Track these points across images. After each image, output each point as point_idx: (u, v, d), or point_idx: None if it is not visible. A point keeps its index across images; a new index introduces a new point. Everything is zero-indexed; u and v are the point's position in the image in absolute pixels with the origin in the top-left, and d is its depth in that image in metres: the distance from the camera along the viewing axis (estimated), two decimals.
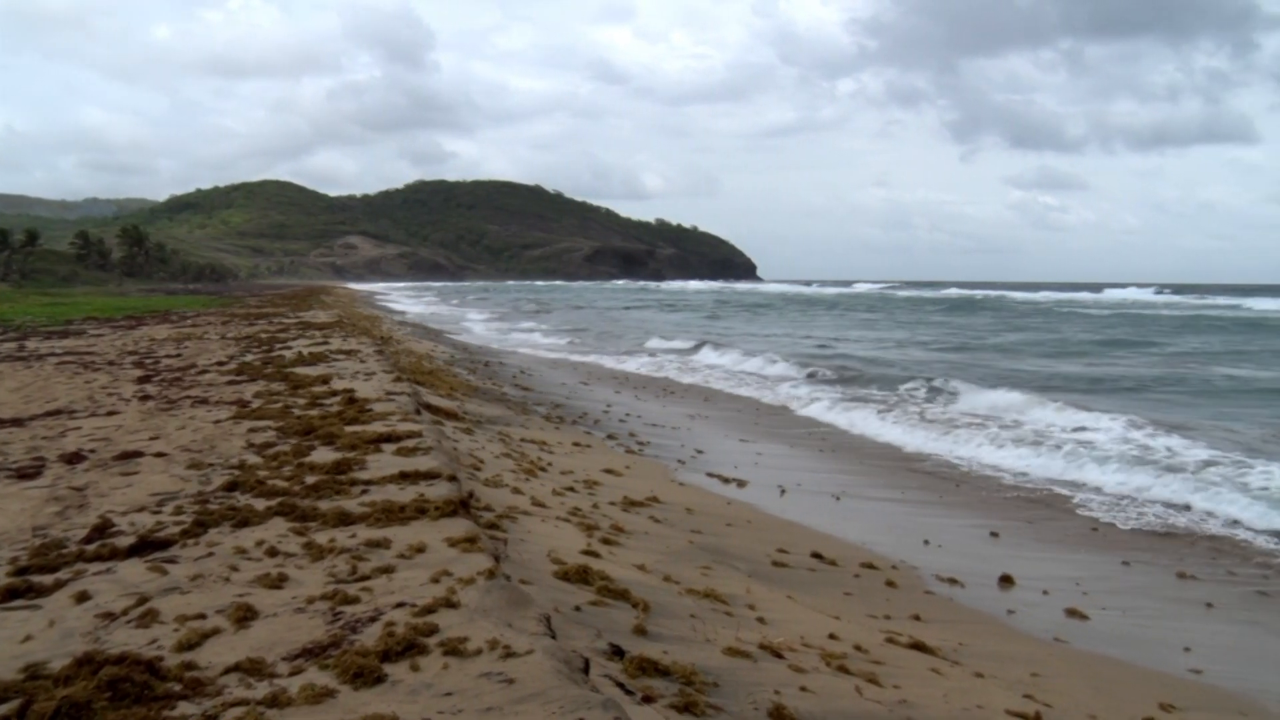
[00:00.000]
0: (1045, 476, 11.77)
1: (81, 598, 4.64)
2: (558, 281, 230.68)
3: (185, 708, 3.42)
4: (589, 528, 7.02)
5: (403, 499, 6.32)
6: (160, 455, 8.27)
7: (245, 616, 4.31)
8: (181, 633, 4.13)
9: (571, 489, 8.72)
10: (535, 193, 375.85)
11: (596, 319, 55.41)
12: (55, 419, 10.39)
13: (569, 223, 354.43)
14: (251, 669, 3.73)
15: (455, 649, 3.80)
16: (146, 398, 12.17)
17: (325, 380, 13.32)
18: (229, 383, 13.68)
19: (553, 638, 3.93)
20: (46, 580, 4.95)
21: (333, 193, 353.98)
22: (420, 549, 5.24)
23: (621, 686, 3.75)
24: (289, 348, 19.69)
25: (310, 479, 7.08)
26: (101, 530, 5.83)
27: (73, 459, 8.16)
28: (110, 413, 10.87)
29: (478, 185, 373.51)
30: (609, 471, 10.19)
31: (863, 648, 5.22)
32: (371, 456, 7.87)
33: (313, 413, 10.36)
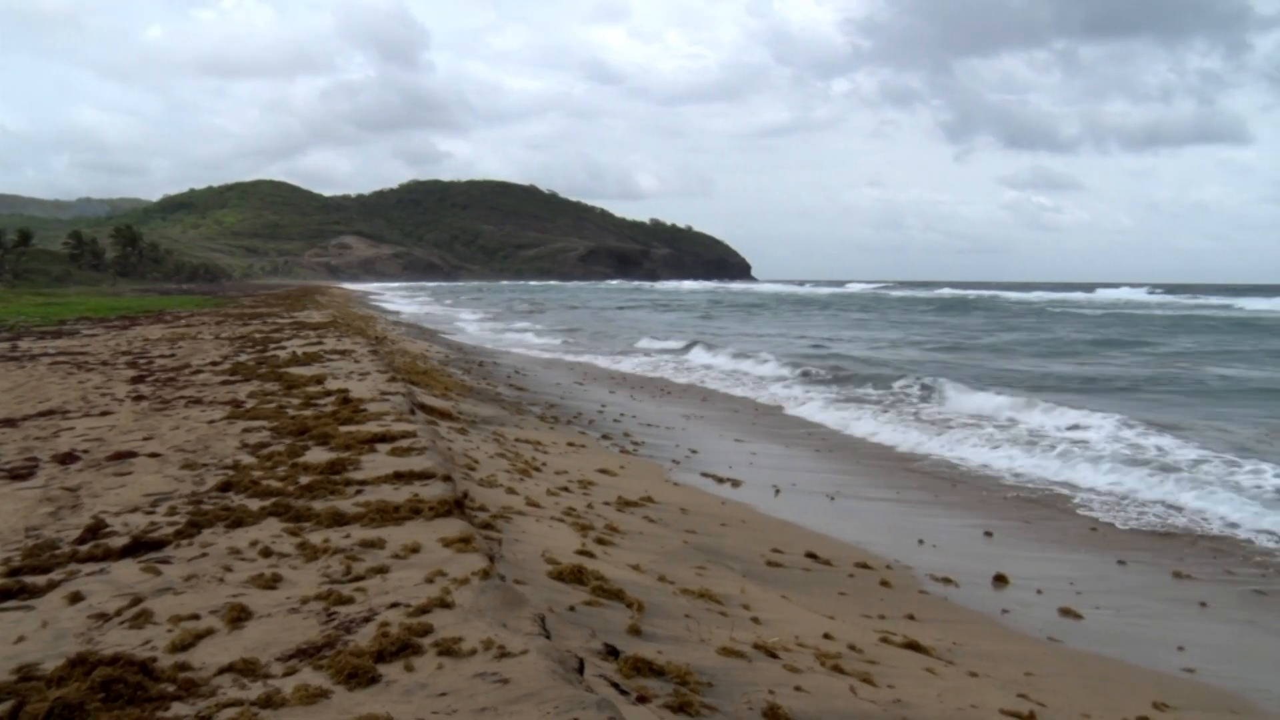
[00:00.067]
0: (1042, 476, 11.79)
1: (75, 598, 4.63)
2: (552, 281, 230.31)
3: (179, 709, 3.41)
4: (584, 528, 7.02)
5: (397, 499, 6.31)
6: (154, 455, 8.25)
7: (239, 617, 4.30)
8: (175, 633, 4.12)
9: (566, 489, 8.72)
10: (530, 193, 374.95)
11: (590, 319, 55.38)
12: (49, 419, 10.35)
13: (563, 223, 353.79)
14: (246, 669, 3.73)
15: (450, 649, 3.79)
16: (140, 398, 12.14)
17: (319, 380, 13.29)
18: (223, 383, 13.65)
19: (547, 638, 3.93)
20: (40, 581, 4.94)
21: (327, 192, 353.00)
22: (415, 549, 5.23)
23: (616, 687, 3.75)
24: (283, 348, 19.65)
25: (304, 479, 7.07)
26: (95, 531, 5.81)
27: (66, 459, 8.14)
28: (104, 413, 10.83)
29: (472, 185, 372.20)
30: (604, 471, 10.19)
31: (857, 647, 5.23)
32: (366, 457, 7.86)
33: (307, 413, 10.33)
